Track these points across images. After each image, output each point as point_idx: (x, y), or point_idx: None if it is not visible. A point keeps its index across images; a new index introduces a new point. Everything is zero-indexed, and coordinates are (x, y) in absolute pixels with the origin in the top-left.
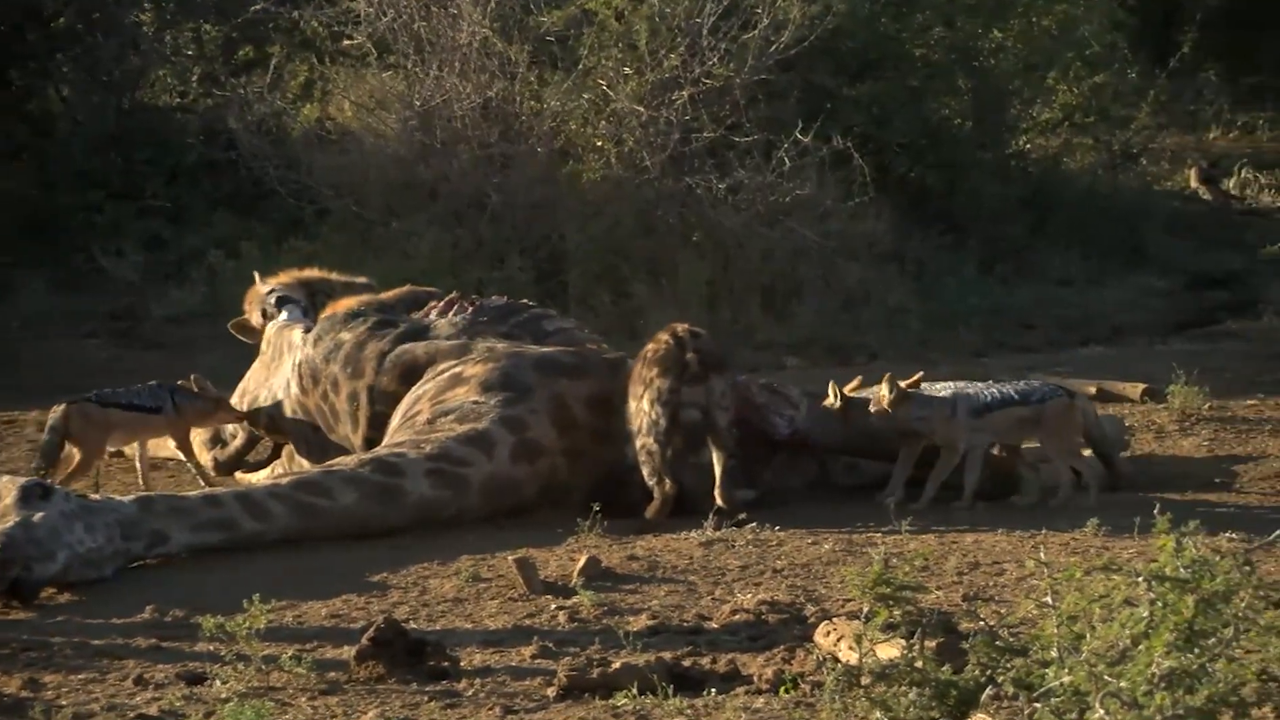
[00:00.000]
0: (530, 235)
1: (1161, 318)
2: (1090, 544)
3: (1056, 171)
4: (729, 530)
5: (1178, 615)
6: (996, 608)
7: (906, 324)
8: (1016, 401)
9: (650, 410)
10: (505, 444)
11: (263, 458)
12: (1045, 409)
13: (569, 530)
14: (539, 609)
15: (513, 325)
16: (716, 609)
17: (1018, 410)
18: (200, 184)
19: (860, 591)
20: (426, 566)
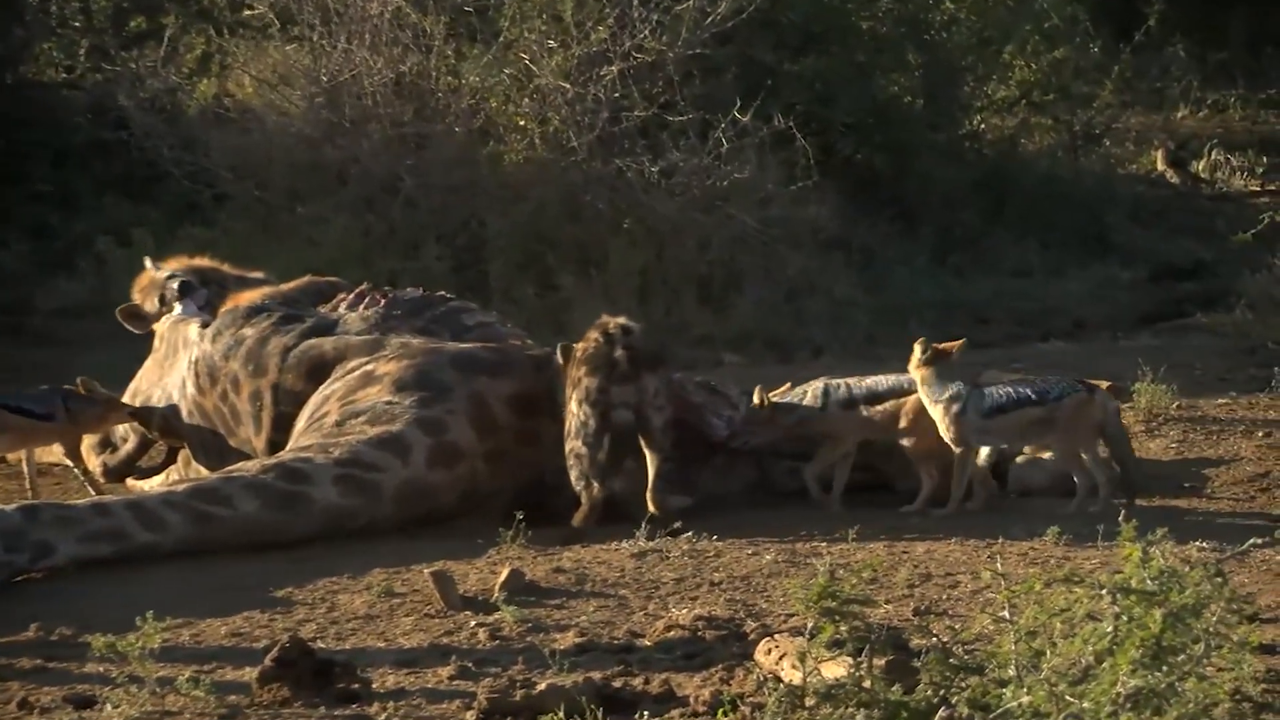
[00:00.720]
0: (447, 222)
1: (1126, 310)
2: (1050, 554)
3: (1013, 154)
4: (663, 540)
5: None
6: (950, 622)
7: (853, 318)
8: (1032, 401)
9: (578, 411)
10: (421, 447)
11: (156, 463)
12: (1061, 407)
13: (490, 541)
14: (457, 626)
15: (429, 319)
16: (649, 625)
17: (1032, 411)
18: (89, 167)
19: (804, 606)
20: (335, 580)
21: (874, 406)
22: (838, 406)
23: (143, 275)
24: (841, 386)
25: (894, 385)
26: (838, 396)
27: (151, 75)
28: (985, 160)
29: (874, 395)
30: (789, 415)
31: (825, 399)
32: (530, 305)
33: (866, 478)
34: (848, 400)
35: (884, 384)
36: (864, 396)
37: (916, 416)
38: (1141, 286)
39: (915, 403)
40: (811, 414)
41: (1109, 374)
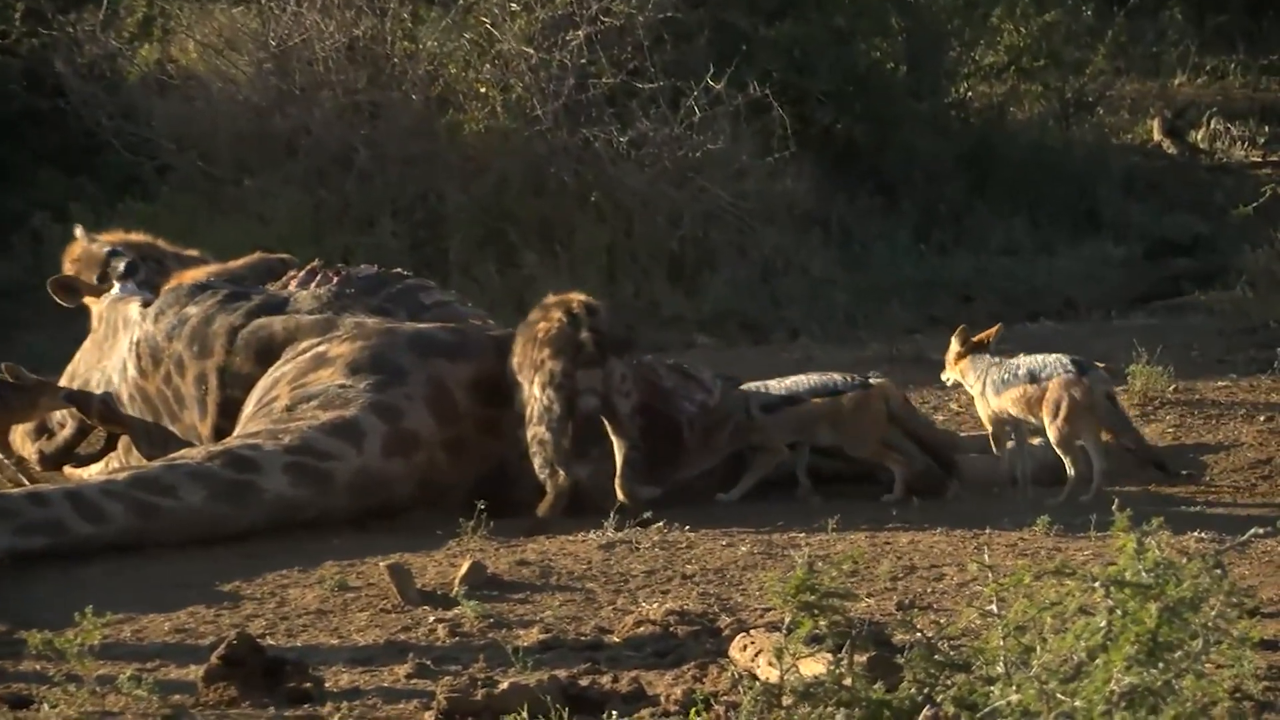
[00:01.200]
0: (404, 195)
1: (1119, 289)
2: (1040, 545)
3: (1001, 124)
4: (632, 531)
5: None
6: (935, 617)
7: (831, 297)
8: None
9: (542, 396)
10: (376, 434)
11: (95, 450)
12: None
13: (450, 532)
14: (415, 622)
15: (384, 298)
16: (618, 620)
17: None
18: (23, 138)
19: (781, 600)
20: (285, 574)
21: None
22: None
23: (74, 245)
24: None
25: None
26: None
27: (90, 40)
28: (971, 131)
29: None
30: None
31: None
32: (491, 284)
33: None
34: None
35: (806, 384)
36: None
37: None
38: (1136, 263)
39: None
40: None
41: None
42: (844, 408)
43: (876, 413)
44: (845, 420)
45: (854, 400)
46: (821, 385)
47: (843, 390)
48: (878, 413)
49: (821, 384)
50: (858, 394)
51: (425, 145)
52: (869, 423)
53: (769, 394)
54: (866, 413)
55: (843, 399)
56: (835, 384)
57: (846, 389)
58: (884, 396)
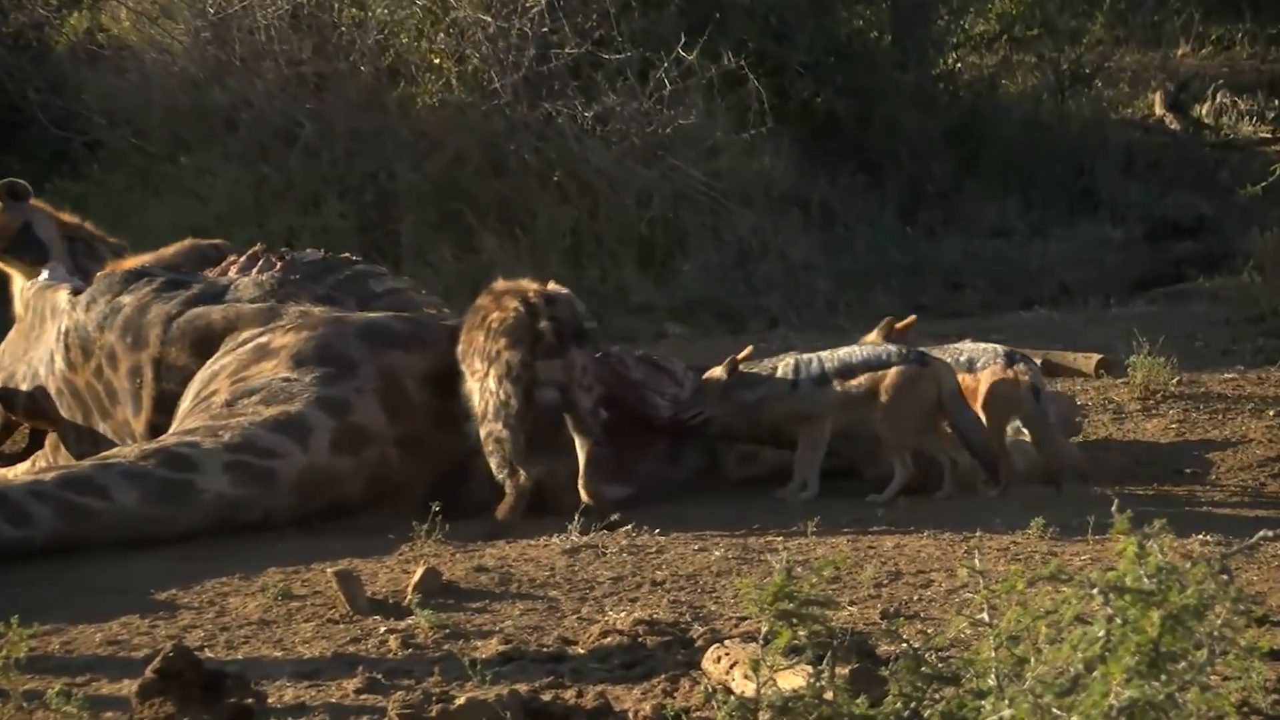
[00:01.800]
0: (352, 174)
1: (1118, 274)
2: (1035, 549)
3: (992, 97)
4: (598, 534)
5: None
6: (922, 626)
7: (811, 283)
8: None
9: (499, 390)
10: (323, 430)
11: (20, 448)
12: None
13: (402, 536)
14: (365, 632)
15: (332, 285)
16: (583, 630)
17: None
18: None
19: (757, 608)
20: (225, 581)
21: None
22: (810, 384)
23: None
24: (814, 361)
25: (870, 357)
26: (810, 373)
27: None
28: (960, 105)
29: (848, 369)
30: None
31: (796, 374)
32: (447, 269)
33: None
34: (820, 376)
35: (859, 355)
36: (837, 370)
37: (896, 395)
38: (1136, 246)
39: (895, 378)
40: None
41: (1100, 346)
42: (892, 384)
43: (925, 396)
44: (890, 400)
45: (906, 376)
46: (871, 357)
47: (894, 363)
48: (926, 396)
49: (872, 355)
50: (911, 370)
51: (375, 120)
52: (913, 405)
53: (818, 366)
54: (916, 395)
55: (892, 373)
56: (888, 356)
57: (900, 362)
58: (937, 379)
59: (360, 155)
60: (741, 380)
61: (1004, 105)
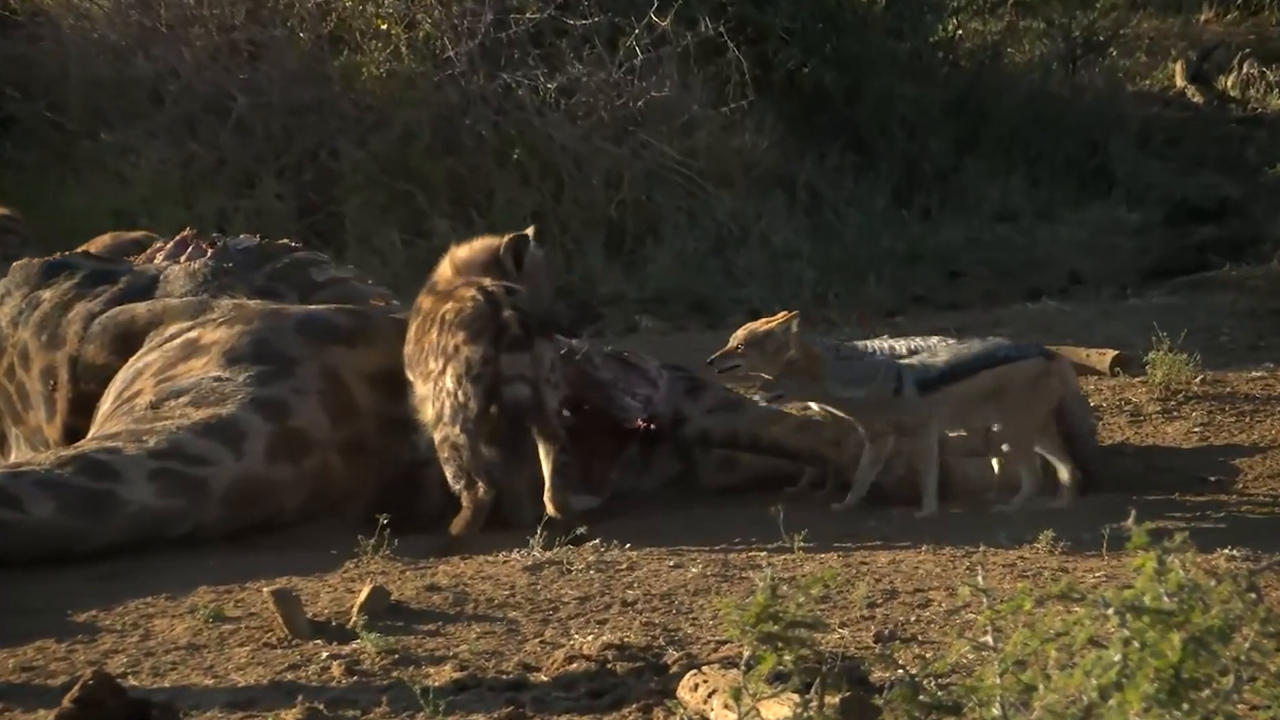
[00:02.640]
0: (291, 152)
1: (1134, 261)
2: (1044, 564)
3: (996, 67)
4: (563, 549)
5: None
6: (920, 650)
7: (797, 272)
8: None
9: (457, 390)
10: (259, 436)
11: None
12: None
13: (346, 552)
14: (305, 658)
15: (268, 274)
16: (546, 656)
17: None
18: None
19: (739, 630)
20: (151, 601)
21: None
22: (914, 388)
23: None
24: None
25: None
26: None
27: None
28: (961, 75)
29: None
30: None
31: (899, 382)
32: (395, 256)
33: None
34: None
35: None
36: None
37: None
38: (1153, 231)
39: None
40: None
41: (1115, 341)
42: (1017, 381)
43: (1052, 395)
44: (1015, 398)
45: (1031, 372)
46: (987, 354)
47: (1015, 359)
48: (1053, 395)
49: (987, 352)
50: (1037, 364)
51: (315, 92)
52: (1042, 405)
53: (926, 367)
54: (1043, 392)
55: (1017, 369)
56: (1006, 352)
57: (1021, 356)
58: (1063, 376)
59: (299, 131)
60: (837, 368)
61: (1009, 76)
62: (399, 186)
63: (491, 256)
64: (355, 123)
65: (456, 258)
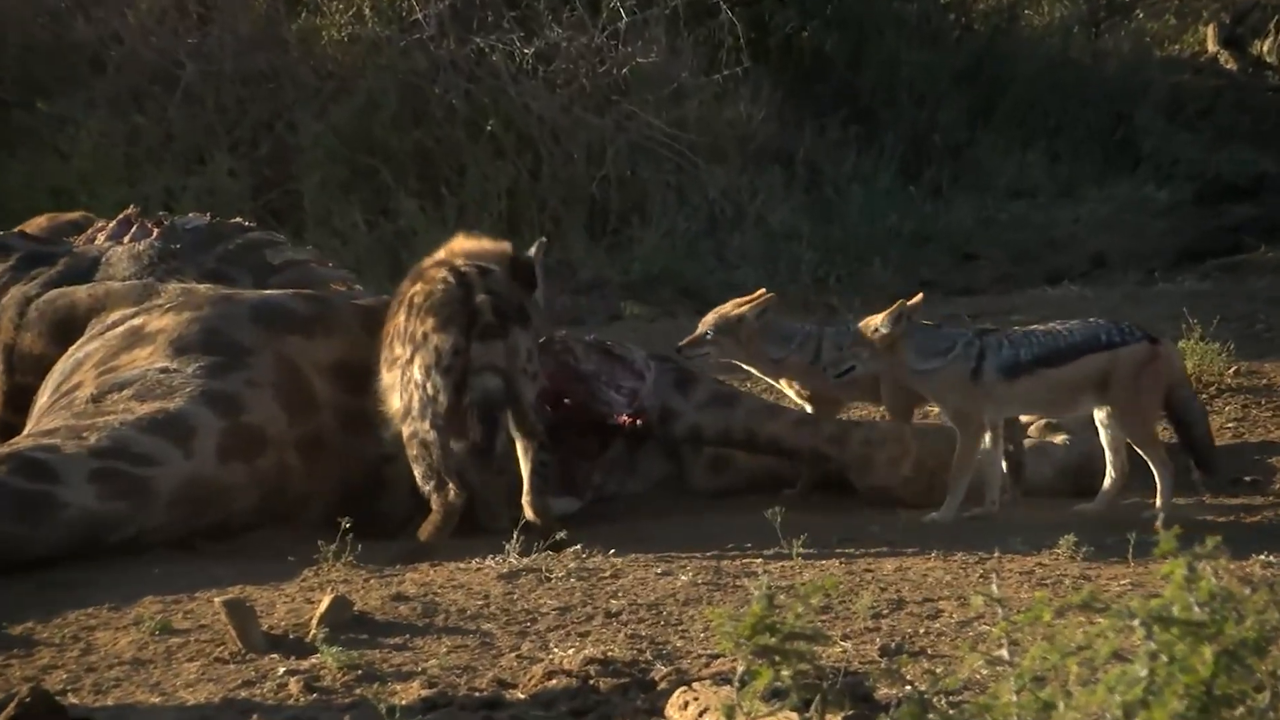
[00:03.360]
0: (244, 124)
1: (1163, 243)
2: (1064, 571)
3: (1011, 31)
4: (541, 556)
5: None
6: (929, 665)
7: (795, 254)
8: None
9: (425, 382)
10: (209, 432)
11: None
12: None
13: (305, 559)
14: (260, 674)
15: (220, 257)
16: (523, 671)
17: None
18: None
19: (732, 643)
20: (92, 612)
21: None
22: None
23: None
24: (1004, 343)
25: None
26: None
27: None
28: (974, 40)
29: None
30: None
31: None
32: (358, 238)
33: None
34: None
35: (1065, 337)
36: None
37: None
38: (1184, 210)
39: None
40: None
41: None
42: (1127, 368)
43: (1163, 381)
44: (1124, 388)
45: (1137, 358)
46: (1087, 338)
47: (1119, 343)
48: (1163, 381)
49: (1086, 336)
50: (1142, 349)
51: (271, 58)
52: (1154, 394)
53: (1013, 350)
54: (1153, 378)
55: (1121, 355)
56: (1110, 335)
57: (1126, 341)
58: (1170, 358)
59: (253, 101)
60: (916, 336)
61: (1026, 40)
62: (362, 161)
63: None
64: (314, 92)
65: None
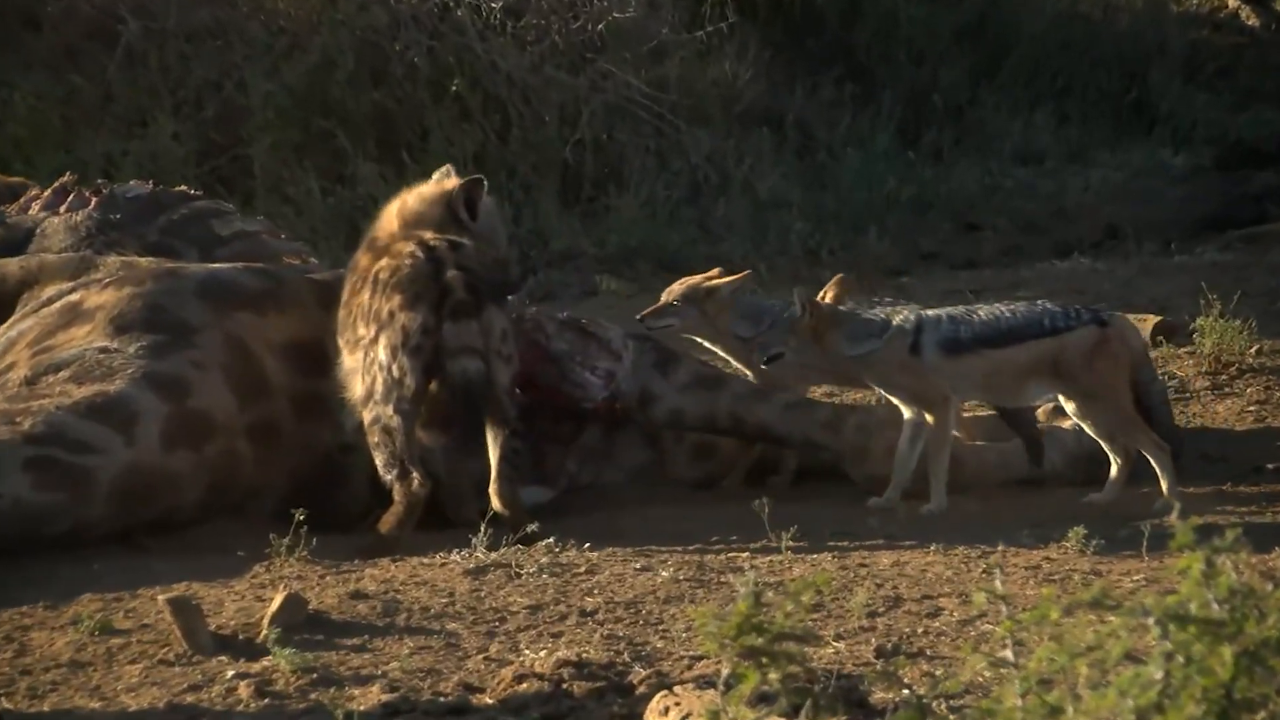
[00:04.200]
0: (189, 85)
1: (1181, 212)
2: (1073, 566)
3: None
4: (511, 551)
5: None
6: (928, 667)
7: (785, 224)
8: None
9: (391, 363)
10: (153, 418)
11: None
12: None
13: (256, 554)
14: (208, 677)
15: (163, 228)
16: (492, 675)
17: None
18: None
19: (716, 644)
20: (27, 611)
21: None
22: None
23: None
24: (944, 319)
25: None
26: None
27: None
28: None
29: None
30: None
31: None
32: (313, 207)
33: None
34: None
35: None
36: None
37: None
38: (1203, 176)
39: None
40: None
41: (1157, 305)
42: (1076, 354)
43: (1122, 364)
44: (1079, 376)
45: (1085, 343)
46: (1029, 321)
47: (1063, 329)
48: (1122, 364)
49: (1029, 319)
50: (1091, 333)
51: (218, 13)
52: (1116, 378)
53: (953, 325)
54: (1111, 362)
55: (1067, 341)
56: (1052, 320)
57: (1070, 326)
58: (1125, 340)
59: (199, 59)
60: (841, 320)
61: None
62: (316, 124)
63: (443, 204)
64: (265, 49)
65: (407, 208)
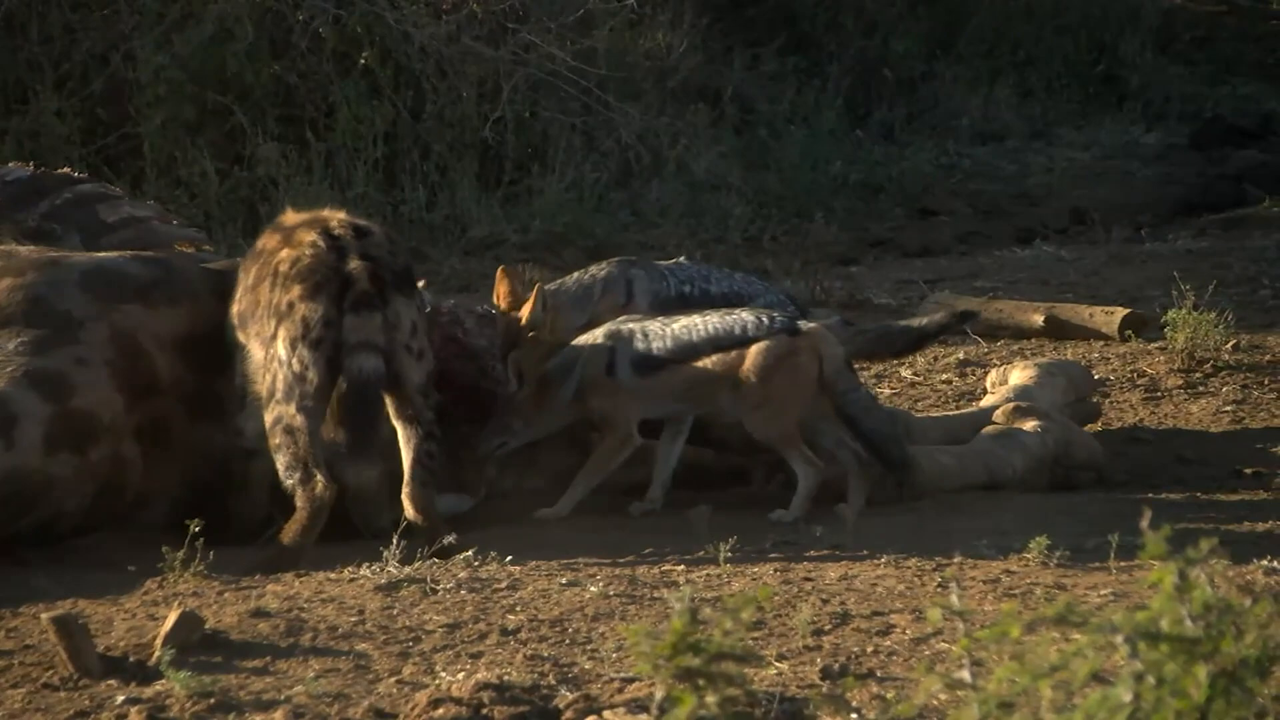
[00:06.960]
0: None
1: (1153, 194)
2: (1036, 579)
3: None
4: (426, 564)
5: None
6: (879, 689)
7: (723, 208)
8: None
9: (291, 358)
10: (33, 420)
11: None
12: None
13: (147, 567)
14: (96, 703)
15: (44, 213)
16: (405, 699)
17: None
18: None
19: (650, 665)
20: None
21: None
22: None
23: None
24: (637, 335)
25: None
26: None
27: None
28: None
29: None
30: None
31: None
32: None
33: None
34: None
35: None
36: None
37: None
38: (1178, 155)
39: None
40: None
41: (1126, 296)
42: (756, 364)
43: (804, 375)
44: (754, 384)
45: (770, 353)
46: (724, 331)
47: (755, 338)
48: (805, 375)
49: (724, 329)
50: (778, 343)
51: None
52: (790, 390)
53: (645, 345)
54: (790, 374)
55: (753, 351)
56: (745, 328)
57: (760, 335)
58: (816, 350)
59: (84, 30)
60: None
61: None
62: (212, 100)
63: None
64: (156, 18)
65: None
